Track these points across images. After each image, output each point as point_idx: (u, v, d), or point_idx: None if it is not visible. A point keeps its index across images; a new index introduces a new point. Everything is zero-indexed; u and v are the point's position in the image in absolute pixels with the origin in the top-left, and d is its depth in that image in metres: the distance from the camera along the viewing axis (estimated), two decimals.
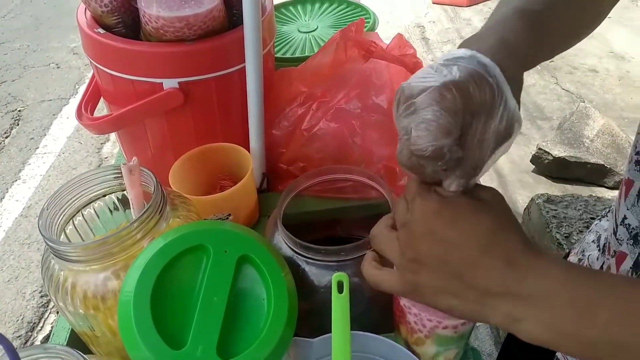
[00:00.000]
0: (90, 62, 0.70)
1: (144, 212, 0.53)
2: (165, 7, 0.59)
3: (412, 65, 0.80)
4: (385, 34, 0.91)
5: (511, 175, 1.95)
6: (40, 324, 1.89)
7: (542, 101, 2.39)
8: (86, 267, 0.53)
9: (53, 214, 0.57)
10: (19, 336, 1.86)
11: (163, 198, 0.56)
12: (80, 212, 0.61)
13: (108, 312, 0.54)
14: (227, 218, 0.70)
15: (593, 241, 0.67)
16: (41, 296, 1.98)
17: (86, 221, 0.63)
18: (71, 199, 0.59)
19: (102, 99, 0.77)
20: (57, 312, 1.92)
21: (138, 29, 0.69)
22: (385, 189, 0.64)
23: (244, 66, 0.68)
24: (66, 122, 2.98)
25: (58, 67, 3.53)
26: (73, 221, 0.61)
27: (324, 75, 0.81)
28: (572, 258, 0.70)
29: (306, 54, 0.92)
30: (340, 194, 0.74)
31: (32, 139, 2.85)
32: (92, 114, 0.73)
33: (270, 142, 0.79)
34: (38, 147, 2.78)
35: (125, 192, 0.63)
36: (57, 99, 3.18)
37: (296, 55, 0.93)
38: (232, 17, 0.71)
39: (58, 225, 0.58)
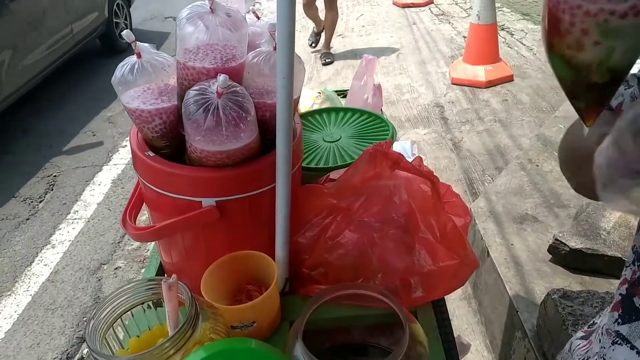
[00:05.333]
0: (138, 177, 0.79)
1: (178, 331, 0.59)
2: (209, 142, 0.68)
3: (429, 175, 0.88)
4: (406, 112, 0.97)
5: (528, 264, 1.97)
6: None
7: (559, 188, 2.43)
8: None
9: (98, 322, 0.64)
10: None
11: (196, 313, 0.62)
12: (120, 318, 0.68)
13: None
14: (252, 325, 0.76)
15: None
16: None
17: (122, 321, 0.69)
18: (113, 308, 0.66)
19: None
20: None
21: (183, 149, 0.78)
22: (394, 303, 0.70)
23: (274, 186, 0.76)
24: (97, 188, 3.12)
25: (94, 135, 3.73)
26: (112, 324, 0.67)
27: (351, 188, 0.88)
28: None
29: (329, 165, 1.01)
30: (356, 302, 0.79)
31: (64, 204, 2.99)
32: (135, 220, 0.82)
33: (294, 249, 0.86)
34: (69, 213, 2.90)
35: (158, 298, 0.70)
36: (91, 166, 3.35)
37: (321, 166, 1.01)
38: (264, 141, 0.79)
39: (101, 332, 0.64)
